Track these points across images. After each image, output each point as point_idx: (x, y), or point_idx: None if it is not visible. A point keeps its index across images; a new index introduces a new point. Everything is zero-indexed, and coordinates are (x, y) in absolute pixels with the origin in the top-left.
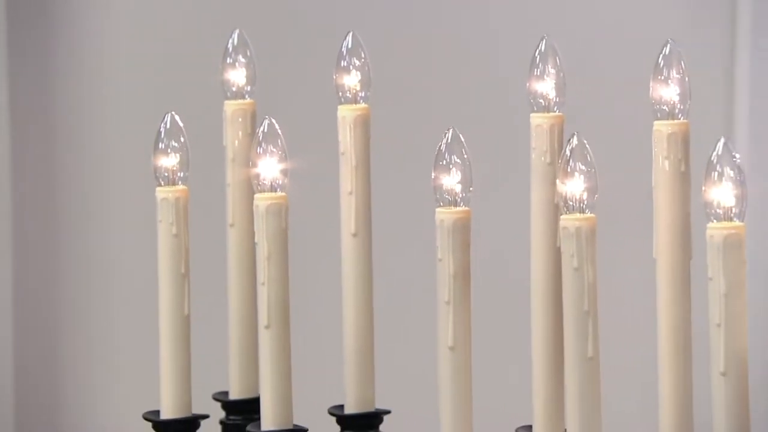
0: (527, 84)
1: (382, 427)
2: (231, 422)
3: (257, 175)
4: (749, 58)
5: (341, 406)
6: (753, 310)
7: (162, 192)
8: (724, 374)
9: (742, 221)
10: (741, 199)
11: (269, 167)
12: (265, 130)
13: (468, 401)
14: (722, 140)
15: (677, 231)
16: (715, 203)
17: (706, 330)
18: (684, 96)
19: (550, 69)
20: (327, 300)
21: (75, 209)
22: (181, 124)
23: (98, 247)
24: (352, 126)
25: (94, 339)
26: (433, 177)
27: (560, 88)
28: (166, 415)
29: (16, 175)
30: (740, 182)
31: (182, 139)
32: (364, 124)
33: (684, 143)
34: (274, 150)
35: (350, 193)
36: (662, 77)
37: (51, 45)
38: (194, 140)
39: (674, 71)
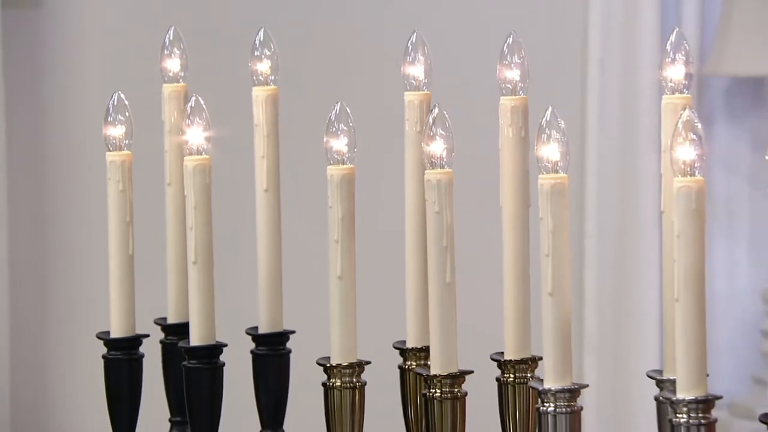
0: (402, 68)
1: (289, 344)
2: (168, 341)
3: (186, 142)
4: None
5: (256, 327)
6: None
7: (111, 156)
8: (551, 294)
9: (566, 173)
10: (565, 155)
11: (196, 135)
12: (193, 105)
13: (353, 320)
14: (550, 108)
15: (518, 184)
16: (544, 159)
17: (538, 259)
18: (524, 76)
19: (419, 56)
20: (244, 242)
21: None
22: (126, 102)
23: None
24: (263, 103)
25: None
26: (325, 141)
27: (428, 71)
28: (114, 334)
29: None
30: (564, 142)
31: (127, 114)
32: (274, 102)
33: (524, 114)
34: (200, 121)
35: (262, 157)
36: (506, 62)
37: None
38: (140, 115)
39: (516, 57)
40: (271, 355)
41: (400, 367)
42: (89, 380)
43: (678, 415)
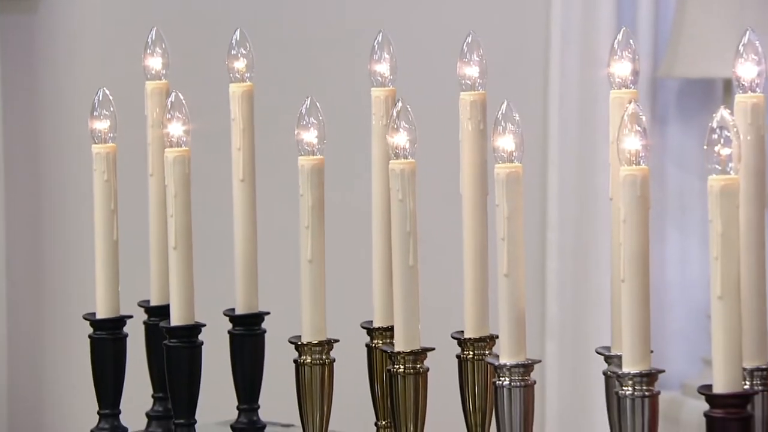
0: (369, 66)
1: (263, 324)
2: (151, 322)
3: (167, 135)
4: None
5: (233, 309)
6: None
7: (96, 148)
8: (506, 276)
9: (521, 162)
10: (519, 145)
11: (176, 128)
12: (173, 101)
13: (322, 301)
14: (505, 102)
15: (477, 173)
16: (500, 149)
17: (495, 243)
18: (482, 73)
19: (385, 55)
20: (222, 228)
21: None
22: (111, 98)
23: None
24: (240, 99)
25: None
26: (296, 133)
27: (393, 68)
28: (100, 315)
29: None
30: (519, 133)
31: (111, 109)
32: (249, 98)
33: (482, 109)
34: (180, 116)
35: (239, 149)
36: (466, 59)
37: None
38: (125, 110)
39: (475, 55)
40: (247, 335)
41: (367, 345)
42: (83, 360)
43: (624, 387)
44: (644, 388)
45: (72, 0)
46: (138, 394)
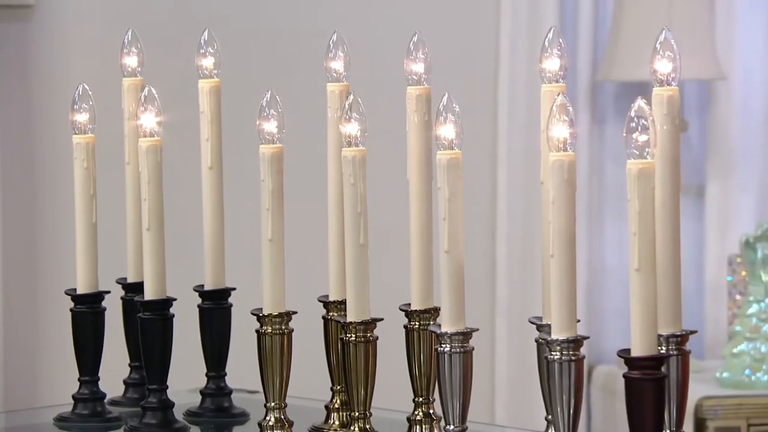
0: (325, 63)
1: (230, 299)
2: (128, 298)
3: (140, 126)
4: (508, 49)
5: (202, 285)
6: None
7: (77, 138)
8: (447, 252)
9: (460, 149)
10: (459, 134)
11: (149, 120)
12: (146, 95)
13: (282, 276)
14: (446, 95)
15: (422, 160)
16: (442, 137)
17: (438, 223)
18: (427, 69)
19: (340, 53)
20: (192, 212)
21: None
22: (90, 92)
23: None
24: (208, 94)
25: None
26: (257, 123)
27: (347, 65)
28: (80, 291)
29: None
30: (458, 123)
31: (90, 102)
32: (217, 93)
33: (427, 102)
34: (152, 108)
35: (207, 139)
36: (412, 57)
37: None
38: (100, 102)
39: (420, 53)
40: (215, 308)
41: (323, 318)
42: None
43: (552, 353)
44: (571, 353)
45: (63, 9)
46: (116, 363)
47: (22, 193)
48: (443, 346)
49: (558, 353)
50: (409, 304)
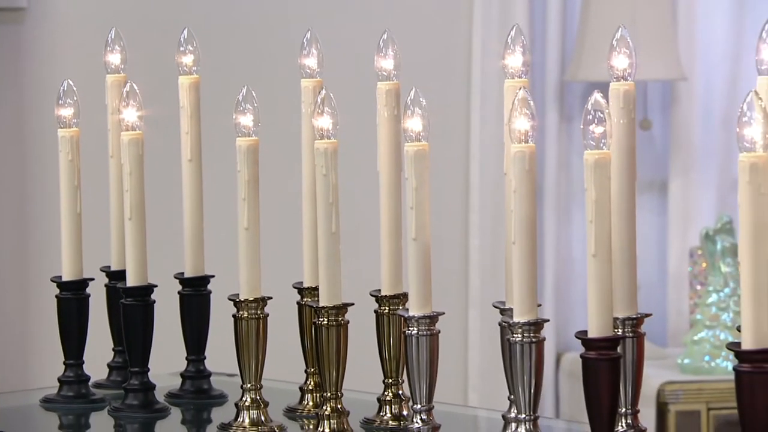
0: (299, 60)
1: (209, 286)
2: (111, 285)
3: (122, 120)
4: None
5: (182, 272)
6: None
7: (62, 132)
8: (415, 239)
9: (427, 141)
10: (426, 127)
11: (130, 114)
12: (128, 90)
13: (257, 263)
14: (413, 89)
15: (392, 152)
16: (409, 130)
17: (406, 212)
18: (397, 66)
19: (313, 50)
20: (172, 202)
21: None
22: (75, 88)
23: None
24: (188, 89)
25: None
26: (234, 117)
27: (320, 62)
28: (65, 278)
29: None
30: (424, 116)
31: (75, 98)
32: (196, 89)
33: (396, 97)
34: (134, 103)
35: (187, 133)
36: (382, 54)
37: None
38: (87, 99)
39: (390, 50)
40: (195, 295)
41: (298, 303)
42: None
43: (514, 335)
44: (531, 335)
45: (55, 12)
46: (100, 347)
47: (12, 189)
48: (411, 329)
49: (519, 335)
50: (380, 290)
